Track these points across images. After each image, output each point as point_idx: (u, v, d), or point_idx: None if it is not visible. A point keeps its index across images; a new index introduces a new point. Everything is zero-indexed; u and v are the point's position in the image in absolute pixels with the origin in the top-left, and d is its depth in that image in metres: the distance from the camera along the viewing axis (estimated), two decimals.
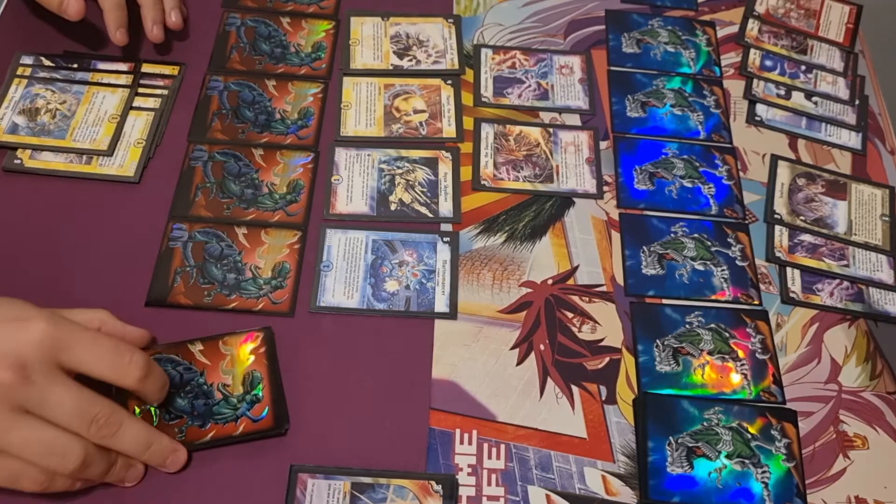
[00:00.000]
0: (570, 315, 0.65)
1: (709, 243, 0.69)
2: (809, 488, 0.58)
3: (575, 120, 0.76)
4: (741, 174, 0.74)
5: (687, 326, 0.64)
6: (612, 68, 0.80)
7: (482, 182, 0.71)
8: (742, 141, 0.76)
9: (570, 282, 0.67)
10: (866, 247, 0.71)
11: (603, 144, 0.75)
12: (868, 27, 0.88)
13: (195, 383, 0.57)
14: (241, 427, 0.56)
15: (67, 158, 0.68)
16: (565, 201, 0.71)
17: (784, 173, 0.74)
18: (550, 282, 0.66)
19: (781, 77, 0.81)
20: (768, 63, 0.82)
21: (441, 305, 0.64)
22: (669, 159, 0.74)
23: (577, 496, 0.57)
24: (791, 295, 0.67)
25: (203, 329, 0.60)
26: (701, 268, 0.68)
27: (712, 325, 0.64)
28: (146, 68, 0.75)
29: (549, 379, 0.61)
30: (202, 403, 0.57)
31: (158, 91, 0.73)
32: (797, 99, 0.80)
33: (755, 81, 0.80)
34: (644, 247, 0.68)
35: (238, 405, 0.57)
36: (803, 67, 0.82)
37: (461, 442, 0.58)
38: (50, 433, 0.49)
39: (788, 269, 0.69)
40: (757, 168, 0.75)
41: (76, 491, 0.53)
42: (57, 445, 0.49)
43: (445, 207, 0.69)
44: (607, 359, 0.63)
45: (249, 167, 0.69)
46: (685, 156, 0.74)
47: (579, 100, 0.77)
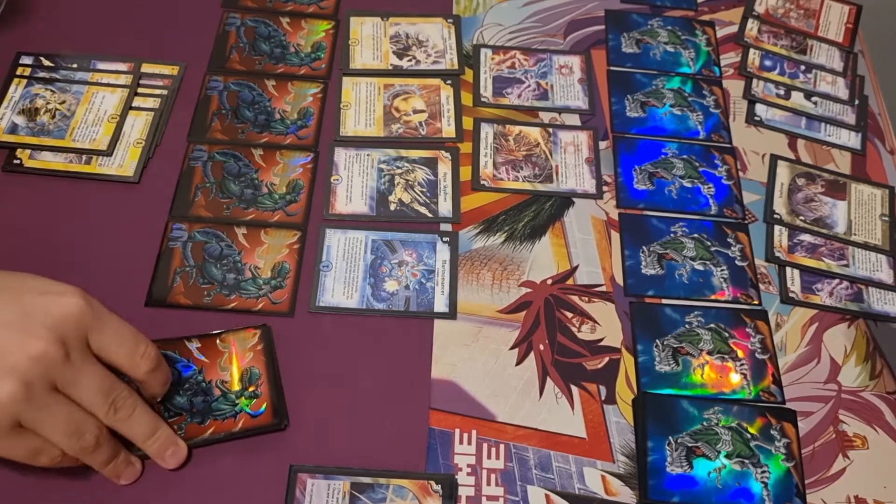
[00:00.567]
0: (570, 315, 0.65)
1: (708, 243, 0.69)
2: (809, 488, 0.58)
3: (574, 120, 0.76)
4: (741, 174, 0.74)
5: (686, 326, 0.64)
6: (612, 68, 0.80)
7: (482, 182, 0.71)
8: (742, 141, 0.76)
9: (570, 282, 0.67)
10: (866, 247, 0.71)
11: (602, 144, 0.75)
12: (868, 27, 0.88)
13: (194, 380, 0.57)
14: (241, 423, 0.56)
15: (67, 158, 0.68)
16: (565, 201, 0.71)
17: (784, 173, 0.74)
18: (550, 282, 0.66)
19: (781, 77, 0.81)
20: (768, 63, 0.82)
21: (440, 305, 0.64)
22: (669, 159, 0.74)
23: (577, 496, 0.57)
24: (790, 295, 0.67)
25: (203, 329, 0.60)
26: (700, 268, 0.68)
27: (712, 325, 0.64)
28: (146, 68, 0.74)
29: (549, 379, 0.61)
30: (201, 400, 0.57)
31: (158, 91, 0.73)
32: (797, 99, 0.80)
33: (755, 81, 0.80)
34: (644, 247, 0.68)
35: (237, 401, 0.57)
36: (803, 67, 0.82)
37: (461, 442, 0.58)
38: (76, 414, 0.49)
39: (788, 269, 0.69)
40: (756, 168, 0.75)
41: (77, 489, 0.53)
42: (80, 426, 0.49)
43: (445, 207, 0.69)
44: (607, 359, 0.63)
45: (249, 167, 0.69)
46: (685, 156, 0.74)
47: (579, 100, 0.77)
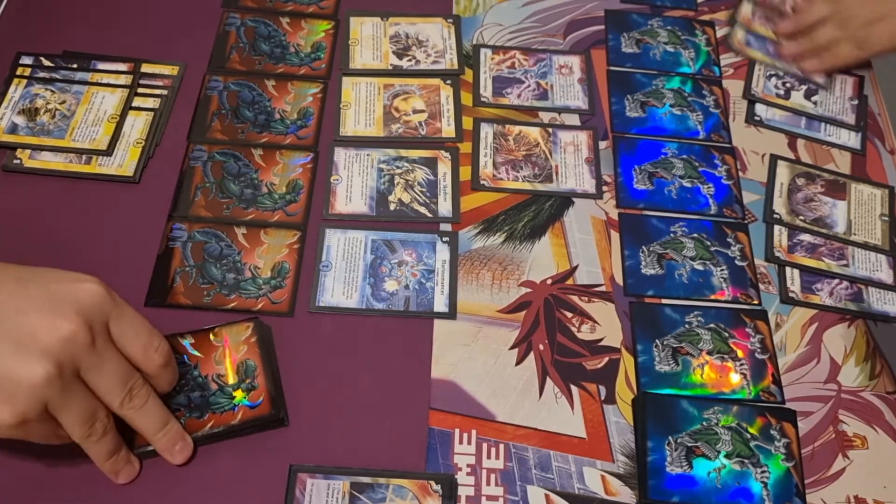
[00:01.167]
0: (570, 315, 0.65)
1: (708, 243, 0.69)
2: (809, 488, 0.58)
3: (574, 120, 0.76)
4: (740, 174, 0.74)
5: (686, 326, 0.64)
6: (612, 68, 0.80)
7: (481, 182, 0.71)
8: (741, 141, 0.76)
9: (570, 282, 0.67)
10: (866, 247, 0.71)
11: (602, 144, 0.75)
12: None
13: (189, 376, 0.57)
14: (240, 415, 0.56)
15: (67, 158, 0.69)
16: (565, 201, 0.71)
17: (783, 173, 0.74)
18: (550, 282, 0.66)
19: (763, 56, 0.82)
20: (752, 41, 0.83)
21: (440, 305, 0.64)
22: (669, 159, 0.74)
23: (577, 496, 0.57)
24: (790, 295, 0.67)
25: None
26: (700, 268, 0.68)
27: (711, 325, 0.64)
28: (146, 68, 0.75)
29: (549, 379, 0.61)
30: (198, 395, 0.57)
31: (158, 91, 0.73)
32: (796, 99, 0.80)
33: (754, 80, 0.80)
34: (643, 247, 0.68)
35: (234, 394, 0.57)
36: None
37: (460, 442, 0.58)
38: (92, 402, 0.49)
39: (788, 269, 0.69)
40: (756, 168, 0.75)
41: (77, 488, 0.53)
42: (95, 415, 0.49)
43: (445, 207, 0.69)
44: (606, 358, 0.63)
45: (249, 167, 0.69)
46: (684, 156, 0.74)
47: (578, 100, 0.77)
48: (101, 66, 0.74)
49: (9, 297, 0.47)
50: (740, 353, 0.63)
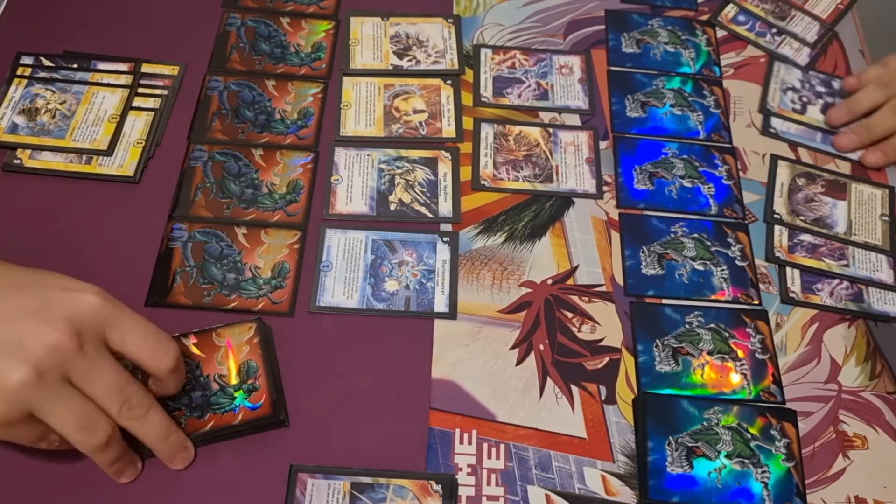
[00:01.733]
0: (570, 315, 0.65)
1: (708, 243, 0.69)
2: (809, 488, 0.58)
3: (575, 120, 0.76)
4: (741, 174, 0.74)
5: (687, 326, 0.64)
6: (612, 68, 0.80)
7: (482, 182, 0.71)
8: (742, 141, 0.76)
9: (570, 282, 0.67)
10: (866, 247, 0.71)
11: (603, 144, 0.75)
12: (868, 26, 0.88)
13: (192, 376, 0.57)
14: (240, 416, 0.56)
15: (67, 158, 0.69)
16: (565, 201, 0.71)
17: (784, 173, 0.74)
18: (550, 282, 0.66)
19: (749, 32, 0.82)
20: (741, 18, 0.83)
21: (441, 305, 0.64)
22: (669, 159, 0.74)
23: (577, 496, 0.57)
24: (791, 295, 0.67)
25: None
26: (700, 268, 0.68)
27: (712, 325, 0.64)
28: (146, 68, 0.75)
29: (549, 379, 0.61)
30: (199, 395, 0.57)
31: (158, 91, 0.73)
32: (812, 113, 0.79)
33: (770, 94, 0.79)
34: (644, 247, 0.68)
35: (235, 395, 0.57)
36: (774, 31, 0.84)
37: (461, 442, 0.58)
38: (88, 408, 0.49)
39: (788, 269, 0.69)
40: (756, 168, 0.75)
41: (76, 488, 0.53)
42: (91, 421, 0.49)
43: (445, 207, 0.69)
44: (607, 359, 0.63)
45: (249, 167, 0.69)
46: (685, 156, 0.74)
47: (579, 100, 0.77)
48: (102, 66, 0.74)
49: (4, 303, 0.48)
50: (741, 354, 0.63)
